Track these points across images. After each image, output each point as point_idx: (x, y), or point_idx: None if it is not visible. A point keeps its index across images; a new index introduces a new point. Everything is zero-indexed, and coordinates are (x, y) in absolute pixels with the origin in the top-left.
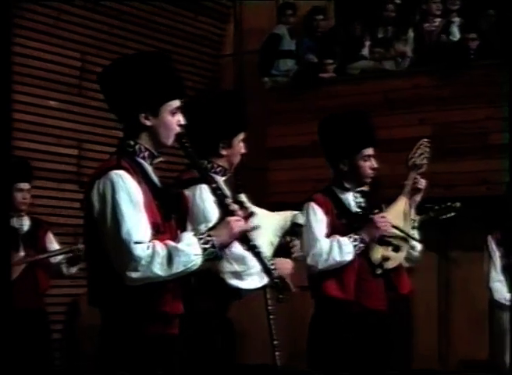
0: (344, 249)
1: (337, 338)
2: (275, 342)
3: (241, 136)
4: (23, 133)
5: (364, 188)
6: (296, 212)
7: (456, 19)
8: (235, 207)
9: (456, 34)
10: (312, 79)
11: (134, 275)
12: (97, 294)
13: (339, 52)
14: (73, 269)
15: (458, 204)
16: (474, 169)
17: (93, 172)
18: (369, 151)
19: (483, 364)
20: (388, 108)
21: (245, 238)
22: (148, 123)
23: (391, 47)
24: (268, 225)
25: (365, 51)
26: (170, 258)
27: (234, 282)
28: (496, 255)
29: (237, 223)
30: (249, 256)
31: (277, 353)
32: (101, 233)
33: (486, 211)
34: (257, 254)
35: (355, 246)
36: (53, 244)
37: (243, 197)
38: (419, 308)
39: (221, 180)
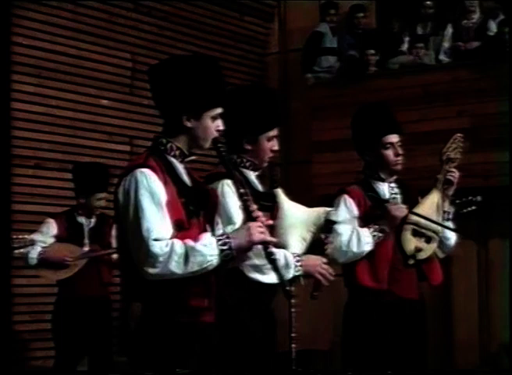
0: (362, 240)
1: (370, 327)
2: (293, 335)
3: (271, 133)
4: (76, 130)
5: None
6: (330, 208)
7: (493, 15)
8: (258, 214)
9: (493, 29)
10: (356, 73)
11: (151, 271)
12: (130, 289)
13: (379, 49)
14: None
15: (479, 198)
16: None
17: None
18: (391, 138)
19: None
20: (427, 102)
21: (264, 246)
22: (189, 125)
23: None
24: (301, 220)
25: (405, 47)
26: (187, 258)
27: (255, 275)
28: None
29: (258, 230)
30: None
31: (293, 345)
32: (126, 229)
33: None
34: (273, 262)
35: (374, 236)
36: None
37: (279, 192)
38: (460, 295)
39: (253, 175)
